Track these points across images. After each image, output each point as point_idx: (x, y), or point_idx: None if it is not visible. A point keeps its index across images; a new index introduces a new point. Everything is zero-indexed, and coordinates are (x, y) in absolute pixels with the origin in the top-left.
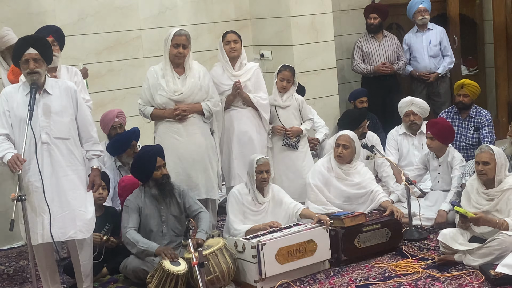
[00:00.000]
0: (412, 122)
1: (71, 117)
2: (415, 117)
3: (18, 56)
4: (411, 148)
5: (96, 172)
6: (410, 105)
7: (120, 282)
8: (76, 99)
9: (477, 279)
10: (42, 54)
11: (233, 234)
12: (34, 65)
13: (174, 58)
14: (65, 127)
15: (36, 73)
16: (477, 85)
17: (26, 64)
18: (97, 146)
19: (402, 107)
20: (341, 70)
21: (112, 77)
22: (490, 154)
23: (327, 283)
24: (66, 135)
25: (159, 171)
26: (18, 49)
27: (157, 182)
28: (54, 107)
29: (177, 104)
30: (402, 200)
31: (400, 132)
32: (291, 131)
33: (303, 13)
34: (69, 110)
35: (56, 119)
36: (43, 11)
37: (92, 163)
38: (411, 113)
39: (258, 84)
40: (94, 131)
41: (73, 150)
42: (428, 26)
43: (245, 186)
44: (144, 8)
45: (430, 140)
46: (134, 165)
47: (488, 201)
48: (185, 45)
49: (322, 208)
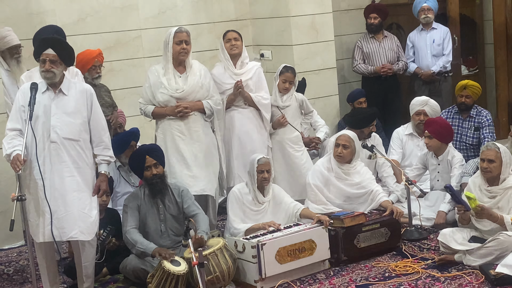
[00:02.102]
0: (421, 122)
1: (83, 119)
2: (426, 118)
3: (37, 55)
4: (415, 149)
5: (104, 177)
6: (424, 104)
7: (120, 282)
8: (92, 102)
9: (477, 279)
10: (60, 55)
11: (233, 233)
12: (50, 66)
13: (178, 55)
14: (76, 129)
15: (51, 72)
16: (479, 86)
17: (43, 63)
18: (107, 151)
19: (416, 104)
20: (341, 70)
21: (112, 77)
22: (496, 152)
23: (327, 283)
24: (76, 137)
25: (149, 171)
26: (37, 49)
27: (147, 181)
28: (68, 107)
29: (178, 101)
30: (401, 200)
31: (407, 132)
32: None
33: (303, 13)
34: (82, 113)
35: (67, 120)
36: (43, 11)
37: (101, 168)
38: (422, 113)
39: (259, 83)
40: (107, 136)
41: (82, 153)
42: (433, 26)
43: (246, 186)
44: (144, 8)
45: (428, 139)
46: (130, 165)
47: (490, 198)
48: (187, 41)
49: (322, 208)
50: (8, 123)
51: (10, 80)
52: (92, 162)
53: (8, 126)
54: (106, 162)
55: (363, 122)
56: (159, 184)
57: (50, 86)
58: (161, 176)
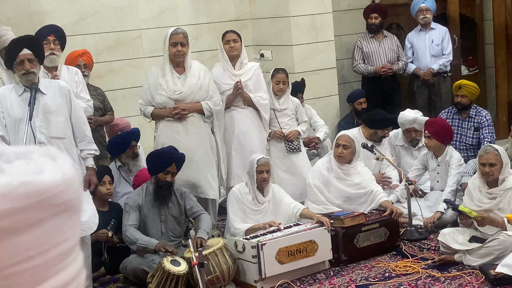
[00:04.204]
0: (414, 139)
1: (65, 116)
2: (417, 134)
3: (12, 57)
4: (410, 159)
5: (92, 171)
6: (413, 123)
7: (120, 282)
8: (70, 99)
9: (477, 279)
10: (36, 54)
11: (233, 233)
12: (30, 66)
13: (174, 57)
14: (60, 127)
15: (32, 73)
16: (475, 85)
17: (21, 65)
18: (91, 145)
19: (404, 124)
20: (341, 70)
21: (112, 77)
22: (496, 155)
23: (327, 283)
24: (62, 135)
25: (167, 175)
26: (11, 51)
27: (157, 183)
28: (50, 106)
29: (177, 103)
30: (401, 200)
31: (399, 143)
32: (290, 135)
33: (303, 13)
34: (63, 110)
35: (51, 119)
36: (43, 11)
37: (87, 162)
38: (413, 130)
39: (258, 83)
40: (89, 130)
41: (69, 150)
42: (431, 26)
43: (245, 186)
44: (144, 8)
45: (428, 139)
46: (152, 155)
47: (490, 199)
48: (183, 43)
49: (322, 208)
50: None
51: (9, 80)
52: (78, 158)
53: None
54: (92, 156)
55: (379, 123)
56: (166, 191)
57: (28, 87)
58: (171, 185)
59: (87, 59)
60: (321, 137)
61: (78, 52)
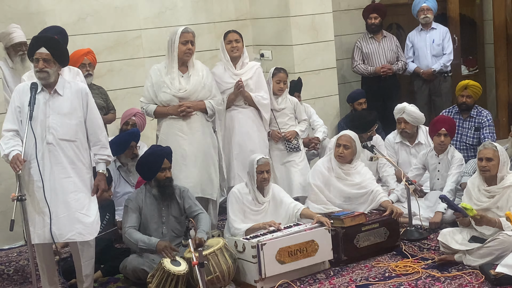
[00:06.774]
0: (403, 130)
1: (79, 119)
2: (406, 126)
3: (30, 53)
4: (409, 157)
5: (102, 177)
6: (402, 112)
7: (120, 282)
8: (87, 102)
9: (477, 279)
10: (53, 54)
11: (234, 233)
12: (43, 65)
13: (184, 55)
14: (72, 129)
15: (45, 72)
16: (480, 86)
17: (36, 63)
18: (104, 150)
19: (395, 113)
20: (341, 70)
21: (112, 77)
22: (494, 151)
23: (327, 283)
24: (73, 137)
25: (164, 172)
26: (31, 46)
27: (159, 183)
28: (63, 108)
29: (181, 101)
30: (401, 200)
31: (397, 140)
32: (289, 134)
33: (303, 13)
34: (78, 113)
35: (63, 121)
36: (43, 11)
37: (99, 167)
38: (402, 121)
39: (259, 83)
40: (104, 135)
41: (79, 153)
42: (432, 26)
43: (246, 186)
44: (144, 8)
45: (444, 137)
46: (141, 162)
47: (488, 198)
48: (192, 42)
49: (322, 208)
50: (4, 124)
51: (13, 78)
52: (89, 162)
53: (4, 127)
54: (104, 161)
55: (361, 128)
56: (170, 187)
57: (45, 87)
58: (172, 180)
59: (92, 58)
60: (320, 137)
61: (83, 51)
